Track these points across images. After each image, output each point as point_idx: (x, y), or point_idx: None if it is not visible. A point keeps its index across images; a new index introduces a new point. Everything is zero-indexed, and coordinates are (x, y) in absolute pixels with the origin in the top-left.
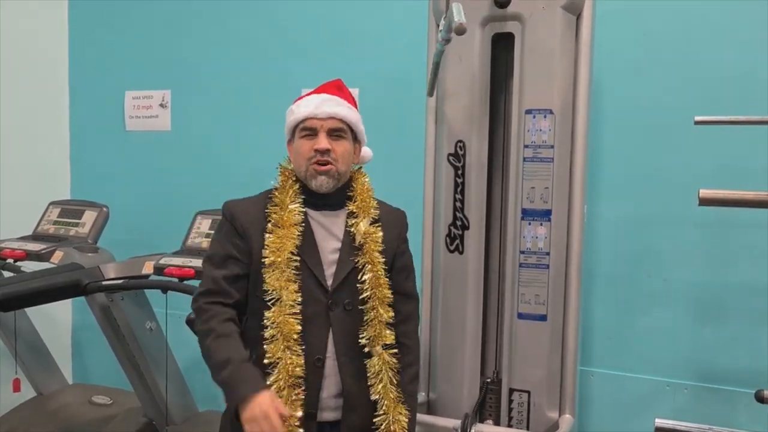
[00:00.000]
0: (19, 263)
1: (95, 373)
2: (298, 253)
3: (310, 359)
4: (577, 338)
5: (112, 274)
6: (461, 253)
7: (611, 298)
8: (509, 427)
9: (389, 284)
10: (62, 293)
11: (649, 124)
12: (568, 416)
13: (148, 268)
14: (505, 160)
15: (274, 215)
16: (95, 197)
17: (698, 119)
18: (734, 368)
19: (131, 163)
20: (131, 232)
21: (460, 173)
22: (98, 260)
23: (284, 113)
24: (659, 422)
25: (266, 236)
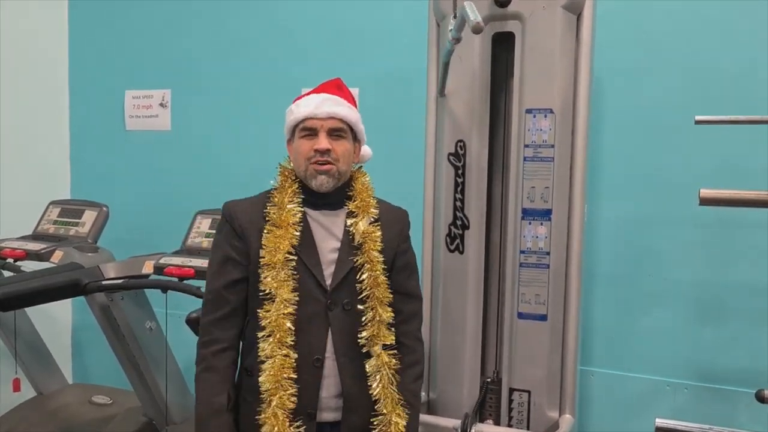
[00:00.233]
0: (19, 263)
1: (95, 372)
2: (296, 252)
3: (308, 359)
4: (577, 338)
5: (112, 273)
6: (461, 252)
7: (611, 298)
8: (509, 426)
9: (389, 284)
10: (62, 293)
11: (649, 123)
12: (568, 416)
13: (148, 267)
14: (505, 159)
15: (272, 215)
16: (95, 197)
17: (699, 119)
18: (734, 368)
19: (131, 162)
20: (131, 231)
21: (460, 173)
22: (98, 260)
23: (284, 113)
24: (659, 422)
25: (264, 236)
